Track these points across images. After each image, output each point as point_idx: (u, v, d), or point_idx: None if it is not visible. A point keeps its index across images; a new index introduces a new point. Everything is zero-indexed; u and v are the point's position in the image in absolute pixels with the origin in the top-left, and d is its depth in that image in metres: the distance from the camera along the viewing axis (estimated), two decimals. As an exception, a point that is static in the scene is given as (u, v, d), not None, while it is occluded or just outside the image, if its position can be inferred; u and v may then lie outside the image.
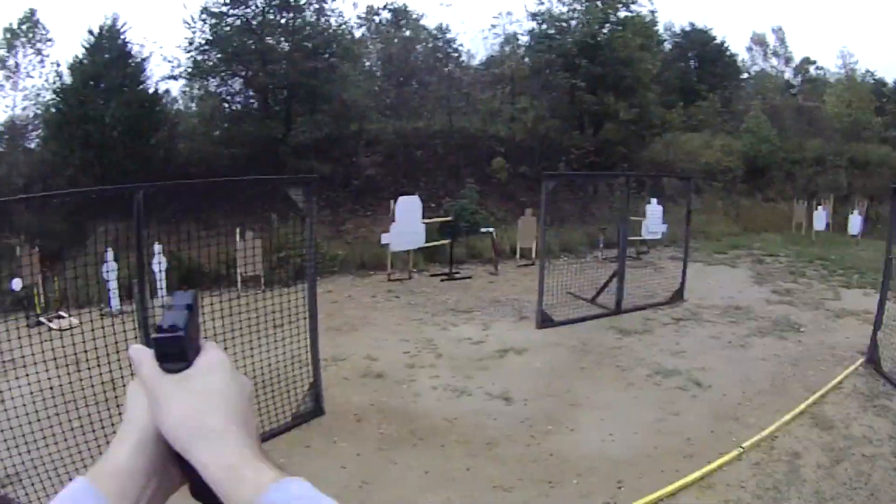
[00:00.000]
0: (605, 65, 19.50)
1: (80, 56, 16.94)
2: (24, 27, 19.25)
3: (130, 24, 18.09)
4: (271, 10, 17.12)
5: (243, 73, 17.50)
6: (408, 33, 21.46)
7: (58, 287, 12.25)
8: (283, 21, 17.25)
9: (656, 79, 22.41)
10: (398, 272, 13.87)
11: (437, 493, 5.45)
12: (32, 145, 18.18)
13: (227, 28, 17.02)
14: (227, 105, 18.86)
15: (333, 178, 17.00)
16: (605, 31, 20.05)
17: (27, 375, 5.49)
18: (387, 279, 13.48)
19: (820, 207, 19.81)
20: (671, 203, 17.25)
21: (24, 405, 5.22)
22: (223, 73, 17.76)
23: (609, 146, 20.07)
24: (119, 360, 5.04)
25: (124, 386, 0.76)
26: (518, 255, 15.27)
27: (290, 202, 7.38)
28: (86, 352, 5.26)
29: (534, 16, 20.60)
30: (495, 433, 6.55)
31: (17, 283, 11.67)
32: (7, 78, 18.92)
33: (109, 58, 16.34)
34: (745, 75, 33.60)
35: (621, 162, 19.90)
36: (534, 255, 14.80)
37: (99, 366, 5.24)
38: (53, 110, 17.02)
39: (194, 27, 16.95)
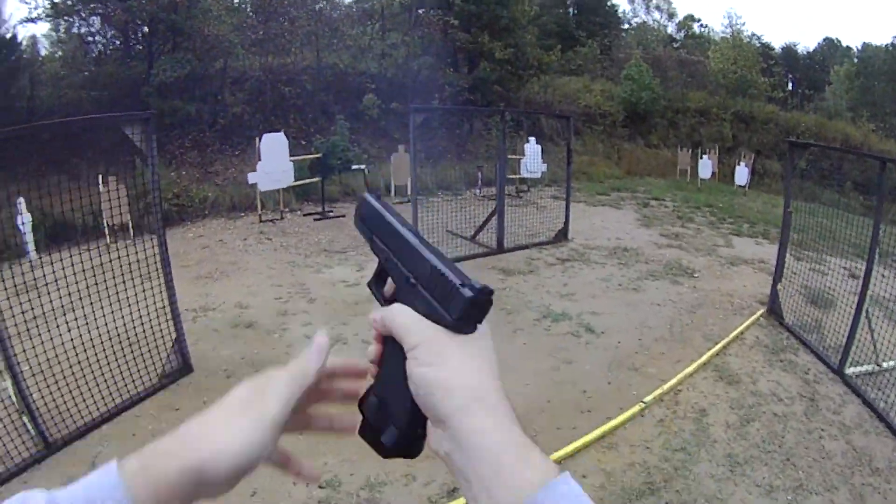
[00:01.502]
0: (479, 3, 19.18)
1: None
2: None
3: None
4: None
5: (101, 11, 16.15)
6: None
7: None
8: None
9: (534, 21, 22.37)
10: (270, 213, 13.47)
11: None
12: None
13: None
14: (89, 46, 17.40)
15: (200, 118, 16.19)
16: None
17: None
18: (258, 220, 12.98)
19: (705, 156, 20.33)
20: (550, 144, 17.51)
21: None
22: (82, 12, 16.33)
23: (484, 85, 19.74)
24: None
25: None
26: (393, 193, 14.92)
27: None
28: None
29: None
30: (370, 388, 6.30)
31: None
32: None
33: None
34: (626, 26, 34.37)
35: (498, 101, 19.63)
36: (408, 192, 14.64)
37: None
38: None
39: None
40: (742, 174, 19.97)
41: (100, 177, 11.80)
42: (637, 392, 6.06)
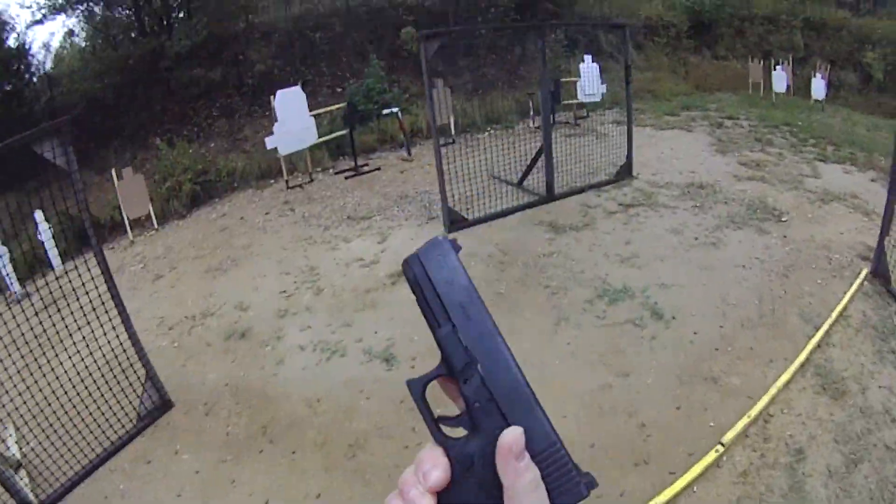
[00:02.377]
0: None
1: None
2: None
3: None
4: None
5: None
6: None
7: None
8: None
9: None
10: (299, 176, 12.06)
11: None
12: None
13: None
14: (98, 32, 16.35)
15: (226, 82, 14.86)
16: None
17: None
18: (286, 187, 11.62)
19: (779, 67, 17.51)
20: (612, 61, 15.22)
21: None
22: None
23: (533, 3, 17.12)
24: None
25: None
26: (435, 134, 12.92)
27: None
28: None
29: None
30: (365, 424, 4.88)
31: None
32: None
33: None
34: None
35: (549, 20, 16.82)
36: (452, 131, 12.94)
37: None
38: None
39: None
40: (819, 87, 16.93)
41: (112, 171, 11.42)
42: (715, 421, 4.34)
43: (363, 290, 6.95)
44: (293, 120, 11.08)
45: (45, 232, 10.19)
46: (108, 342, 5.16)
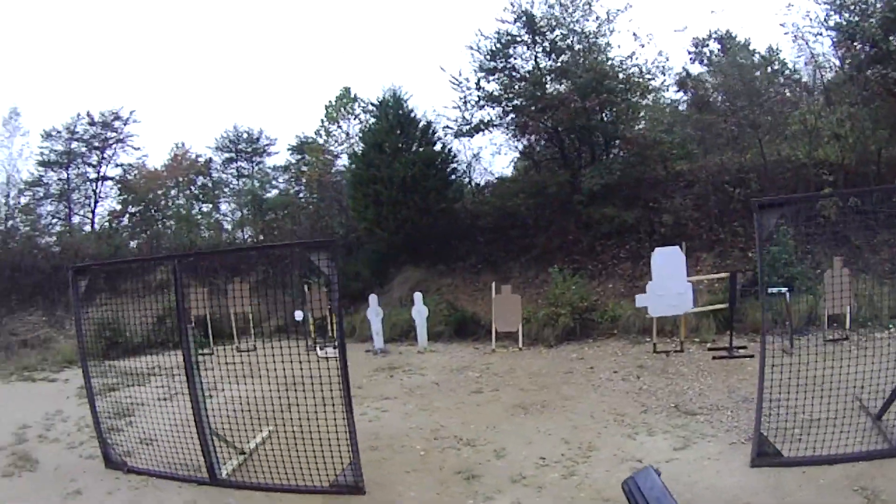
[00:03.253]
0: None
1: (370, 124, 19.06)
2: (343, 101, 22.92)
3: (411, 93, 19.59)
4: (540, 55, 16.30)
5: (519, 123, 16.64)
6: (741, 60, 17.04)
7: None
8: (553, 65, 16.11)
9: None
10: (673, 342, 11.29)
11: None
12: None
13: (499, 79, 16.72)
14: (524, 156, 18.38)
15: (638, 226, 15.06)
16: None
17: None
18: (653, 350, 11.01)
19: None
20: None
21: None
22: (501, 126, 17.25)
23: None
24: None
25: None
26: (826, 325, 10.67)
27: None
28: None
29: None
30: None
31: (298, 315, 13.83)
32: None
33: (391, 124, 17.36)
34: None
35: None
36: (848, 324, 10.57)
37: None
38: (349, 174, 19.05)
39: (466, 86, 16.96)
40: None
41: (493, 284, 12.76)
42: None
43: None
44: (668, 282, 10.61)
45: (419, 313, 12.92)
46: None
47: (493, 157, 21.53)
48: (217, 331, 14.01)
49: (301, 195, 23.18)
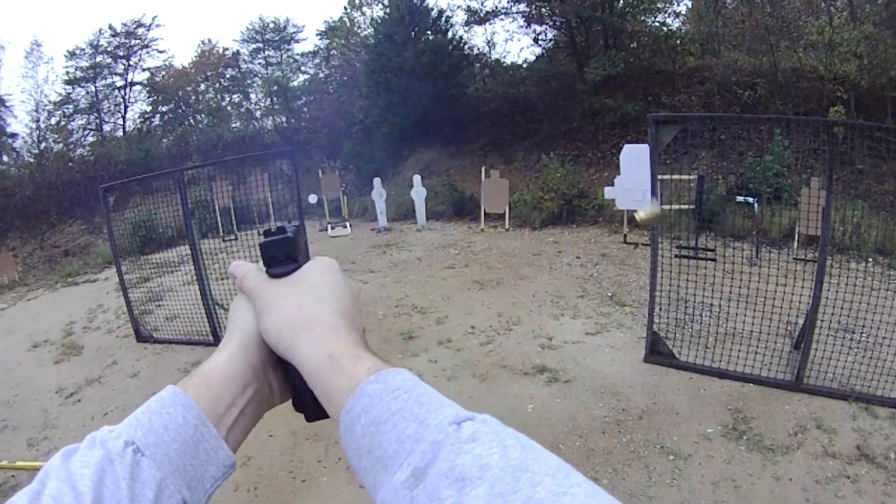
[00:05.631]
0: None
1: (380, 15, 19.27)
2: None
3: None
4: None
5: (527, 12, 16.74)
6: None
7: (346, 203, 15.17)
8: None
9: None
10: (645, 235, 11.36)
11: None
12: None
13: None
14: (535, 43, 18.47)
15: (642, 118, 14.69)
16: None
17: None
18: (623, 240, 11.49)
19: None
20: None
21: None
22: (511, 14, 17.39)
23: None
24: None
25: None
26: (797, 243, 10.41)
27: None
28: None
29: None
30: None
31: (312, 198, 14.25)
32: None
33: (401, 14, 17.52)
34: None
35: None
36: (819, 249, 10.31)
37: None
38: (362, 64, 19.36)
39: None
40: None
41: (482, 169, 13.57)
42: None
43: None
44: (635, 178, 10.58)
45: (418, 194, 13.77)
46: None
47: (505, 43, 21.32)
48: (244, 218, 14.86)
49: (330, 80, 23.44)
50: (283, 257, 0.67)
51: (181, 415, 0.57)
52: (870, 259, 9.84)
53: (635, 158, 10.60)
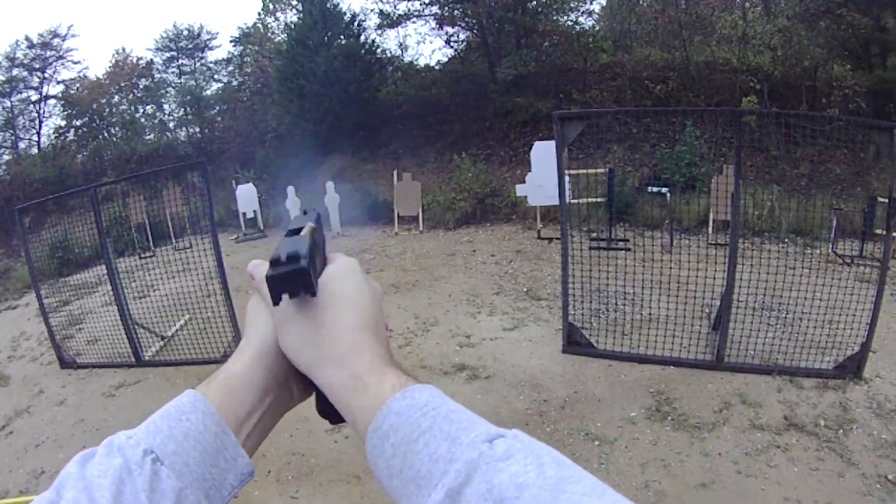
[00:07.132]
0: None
1: (293, 20, 18.79)
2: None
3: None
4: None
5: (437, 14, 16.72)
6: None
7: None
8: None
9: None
10: (556, 230, 11.51)
11: None
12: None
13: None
14: (447, 45, 18.47)
15: (550, 117, 15.09)
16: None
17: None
18: (537, 236, 11.32)
19: None
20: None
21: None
22: (423, 17, 17.36)
23: (893, 87, 12.78)
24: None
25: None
26: (711, 229, 10.56)
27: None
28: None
29: None
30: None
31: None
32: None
33: (314, 19, 17.07)
34: None
35: None
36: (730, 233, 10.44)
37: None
38: (274, 70, 18.82)
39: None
40: None
41: (394, 172, 13.51)
42: None
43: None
44: (546, 174, 10.44)
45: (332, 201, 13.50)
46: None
47: (418, 45, 21.39)
48: (160, 233, 14.22)
49: (243, 87, 22.76)
50: (296, 292, 0.57)
51: (201, 422, 0.55)
52: (786, 240, 10.22)
53: (546, 155, 10.49)
